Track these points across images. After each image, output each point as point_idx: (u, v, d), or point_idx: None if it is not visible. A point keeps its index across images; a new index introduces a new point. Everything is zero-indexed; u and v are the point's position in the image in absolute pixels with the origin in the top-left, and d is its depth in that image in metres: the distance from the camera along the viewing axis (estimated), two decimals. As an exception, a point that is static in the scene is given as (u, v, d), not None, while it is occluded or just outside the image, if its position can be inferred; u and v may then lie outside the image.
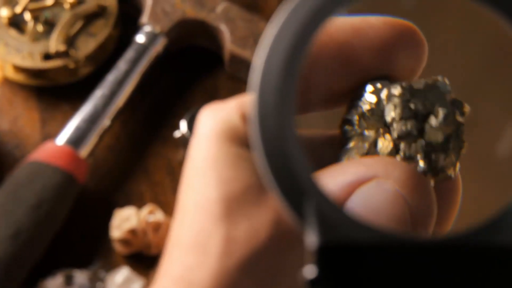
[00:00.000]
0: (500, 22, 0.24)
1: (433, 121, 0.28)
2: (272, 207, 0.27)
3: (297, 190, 0.25)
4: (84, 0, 0.77)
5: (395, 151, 0.29)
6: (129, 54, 0.74)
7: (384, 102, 0.29)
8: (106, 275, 0.63)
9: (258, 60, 0.25)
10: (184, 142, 0.71)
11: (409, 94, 0.29)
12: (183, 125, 0.71)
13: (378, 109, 0.29)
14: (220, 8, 0.76)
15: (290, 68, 0.25)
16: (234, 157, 0.28)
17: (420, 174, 0.28)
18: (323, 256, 0.25)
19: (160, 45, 0.75)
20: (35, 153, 0.67)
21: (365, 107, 0.29)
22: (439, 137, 0.29)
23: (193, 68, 0.78)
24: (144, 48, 0.74)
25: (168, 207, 0.69)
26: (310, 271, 0.24)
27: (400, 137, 0.28)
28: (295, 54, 0.25)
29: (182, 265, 0.28)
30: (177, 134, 0.72)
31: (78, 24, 0.76)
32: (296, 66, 0.25)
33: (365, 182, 0.27)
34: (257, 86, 0.25)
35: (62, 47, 0.74)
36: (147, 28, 0.75)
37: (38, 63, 0.74)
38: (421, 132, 0.29)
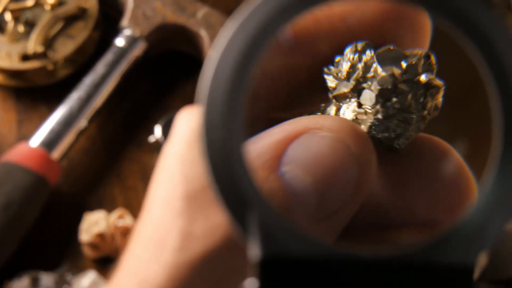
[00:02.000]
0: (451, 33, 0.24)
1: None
2: None
3: (241, 202, 0.25)
4: (64, 2, 0.77)
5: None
6: (108, 57, 0.74)
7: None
8: (73, 278, 0.63)
9: (207, 71, 0.25)
10: (158, 147, 0.70)
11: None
12: (158, 130, 0.71)
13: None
14: (200, 13, 0.76)
15: (239, 80, 0.25)
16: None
17: (352, 122, 0.27)
18: (265, 269, 0.24)
19: (139, 49, 0.75)
20: (7, 154, 0.67)
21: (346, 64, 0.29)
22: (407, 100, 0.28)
23: (172, 73, 0.78)
24: (123, 51, 0.74)
25: (140, 211, 0.69)
26: (251, 284, 0.24)
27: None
28: (244, 66, 0.25)
29: (139, 260, 0.28)
30: (151, 139, 0.72)
31: (58, 26, 0.76)
32: (245, 79, 0.25)
33: (297, 136, 0.26)
34: (205, 97, 0.25)
35: (40, 48, 0.74)
36: (127, 32, 0.75)
37: (16, 64, 0.74)
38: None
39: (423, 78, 0.28)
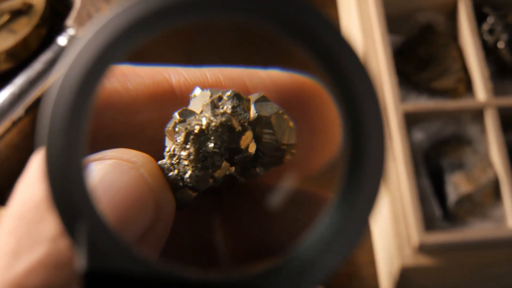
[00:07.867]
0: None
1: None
2: (55, 224, 0.28)
3: (73, 212, 0.25)
4: (12, -4, 0.77)
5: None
6: (47, 55, 0.74)
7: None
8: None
9: (51, 92, 0.25)
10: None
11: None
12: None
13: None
14: (146, 19, 0.76)
15: (81, 101, 0.25)
16: (38, 182, 0.29)
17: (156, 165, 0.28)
18: (89, 282, 0.25)
19: (81, 49, 0.75)
20: None
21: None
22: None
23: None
24: (63, 50, 0.74)
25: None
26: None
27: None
28: (84, 91, 0.25)
29: None
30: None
31: (3, 20, 0.76)
32: (87, 101, 0.25)
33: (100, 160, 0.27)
34: (48, 112, 0.26)
35: (-22, 41, 0.74)
36: (71, 31, 0.75)
37: (-46, 54, 0.74)
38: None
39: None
